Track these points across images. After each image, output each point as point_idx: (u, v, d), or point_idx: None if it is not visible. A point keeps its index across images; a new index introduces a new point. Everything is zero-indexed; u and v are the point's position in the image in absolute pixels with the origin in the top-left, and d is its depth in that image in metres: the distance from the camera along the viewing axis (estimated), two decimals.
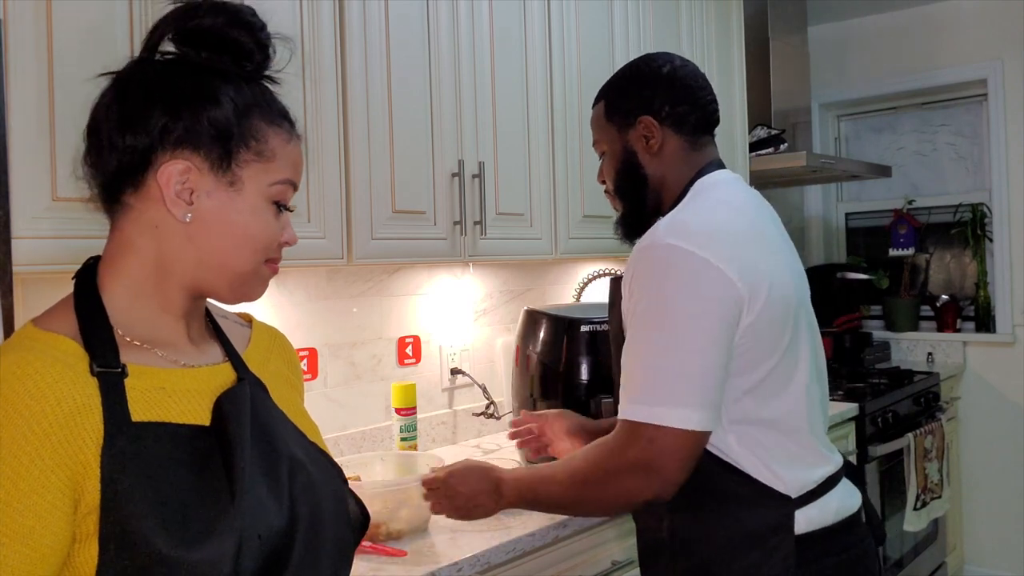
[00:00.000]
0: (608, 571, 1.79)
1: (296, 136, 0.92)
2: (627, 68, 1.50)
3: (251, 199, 0.87)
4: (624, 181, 1.46)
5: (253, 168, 0.87)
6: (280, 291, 1.99)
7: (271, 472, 0.85)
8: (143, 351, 0.85)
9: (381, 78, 1.78)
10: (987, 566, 3.68)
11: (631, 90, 1.45)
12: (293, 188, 0.91)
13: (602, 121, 1.48)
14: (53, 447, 0.74)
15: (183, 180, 0.84)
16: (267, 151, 0.87)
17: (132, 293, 0.86)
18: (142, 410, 0.80)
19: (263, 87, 0.90)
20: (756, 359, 1.25)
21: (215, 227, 0.85)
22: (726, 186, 1.40)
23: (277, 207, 0.90)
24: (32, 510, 0.73)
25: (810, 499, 1.28)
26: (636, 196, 1.45)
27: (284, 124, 0.90)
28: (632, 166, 1.44)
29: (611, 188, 1.49)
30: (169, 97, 0.84)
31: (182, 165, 0.84)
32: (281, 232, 0.91)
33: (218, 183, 0.85)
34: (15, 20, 1.22)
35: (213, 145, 0.84)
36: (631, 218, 1.47)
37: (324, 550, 0.87)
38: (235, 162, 0.86)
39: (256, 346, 0.99)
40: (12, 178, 1.21)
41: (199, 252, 0.86)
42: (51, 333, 0.81)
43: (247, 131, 0.86)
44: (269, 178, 0.88)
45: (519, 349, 2.12)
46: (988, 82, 3.67)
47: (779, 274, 1.29)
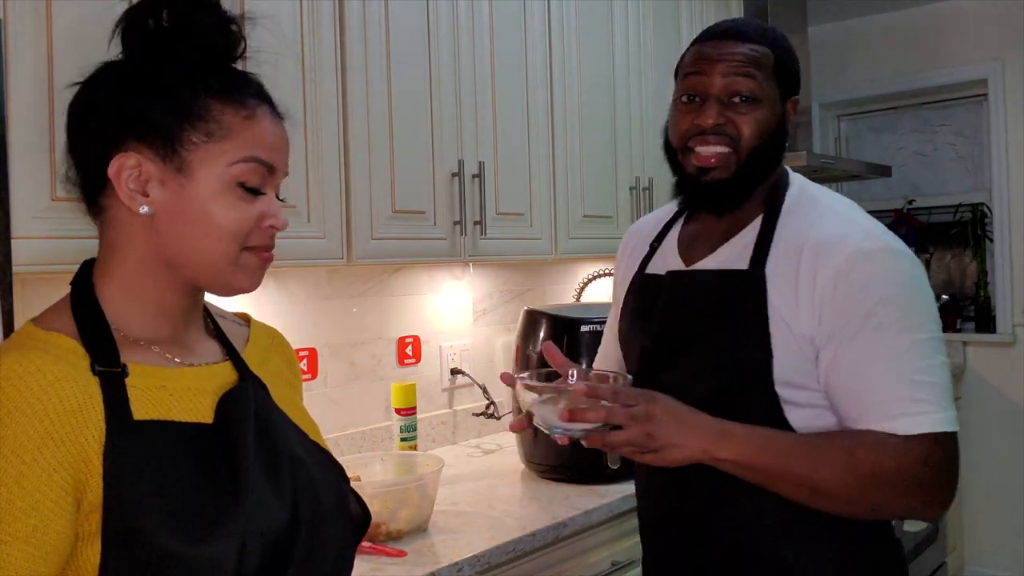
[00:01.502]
0: (608, 571, 1.79)
1: (265, 112, 0.86)
2: (784, 38, 1.28)
3: (207, 184, 0.82)
4: (769, 145, 1.22)
5: (204, 150, 0.82)
6: (280, 291, 1.99)
7: (273, 471, 0.85)
8: (143, 350, 0.85)
9: (381, 78, 1.78)
10: (987, 566, 3.68)
11: (796, 63, 1.27)
12: (265, 168, 0.85)
13: (770, 71, 1.22)
14: (55, 445, 0.74)
15: (135, 174, 0.82)
16: (219, 130, 0.83)
17: (124, 293, 0.86)
18: (143, 408, 0.80)
19: (223, 66, 0.86)
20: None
21: (176, 217, 0.83)
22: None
23: (246, 190, 0.84)
24: (35, 509, 0.73)
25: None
26: (766, 167, 1.23)
27: (245, 100, 0.85)
28: (781, 137, 1.24)
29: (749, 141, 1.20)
30: (114, 91, 0.84)
31: (132, 159, 0.82)
32: (258, 217, 0.85)
33: (167, 171, 0.82)
34: (15, 20, 1.22)
35: (158, 133, 0.82)
36: (742, 186, 1.22)
37: (325, 549, 0.87)
38: (182, 146, 0.82)
39: (255, 345, 1.00)
40: (12, 178, 1.21)
41: (167, 245, 0.84)
42: (52, 332, 0.81)
43: (195, 112, 0.82)
44: (225, 159, 0.83)
45: (519, 349, 2.12)
46: (988, 82, 3.67)
47: None
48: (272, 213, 0.87)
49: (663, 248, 1.35)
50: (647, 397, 1.08)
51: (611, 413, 1.04)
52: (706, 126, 1.19)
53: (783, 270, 1.16)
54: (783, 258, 1.17)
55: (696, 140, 1.21)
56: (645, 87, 2.57)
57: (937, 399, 1.10)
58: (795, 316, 1.14)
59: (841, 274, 1.12)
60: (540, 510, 1.73)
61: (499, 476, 2.04)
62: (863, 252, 1.13)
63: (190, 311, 0.91)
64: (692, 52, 1.26)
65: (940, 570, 3.38)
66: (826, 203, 1.23)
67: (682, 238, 1.33)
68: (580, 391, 1.06)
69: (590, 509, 1.74)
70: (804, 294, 1.14)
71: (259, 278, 0.89)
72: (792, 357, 1.14)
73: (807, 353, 1.14)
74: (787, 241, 1.18)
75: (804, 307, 1.13)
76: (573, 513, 1.71)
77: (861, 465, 1.08)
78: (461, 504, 1.79)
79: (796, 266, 1.15)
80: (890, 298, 1.11)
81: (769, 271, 1.17)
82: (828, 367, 1.13)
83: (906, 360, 1.10)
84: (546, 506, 1.75)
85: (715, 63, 1.21)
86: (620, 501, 1.80)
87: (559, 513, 1.70)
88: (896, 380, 1.10)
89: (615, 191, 2.46)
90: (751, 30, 1.24)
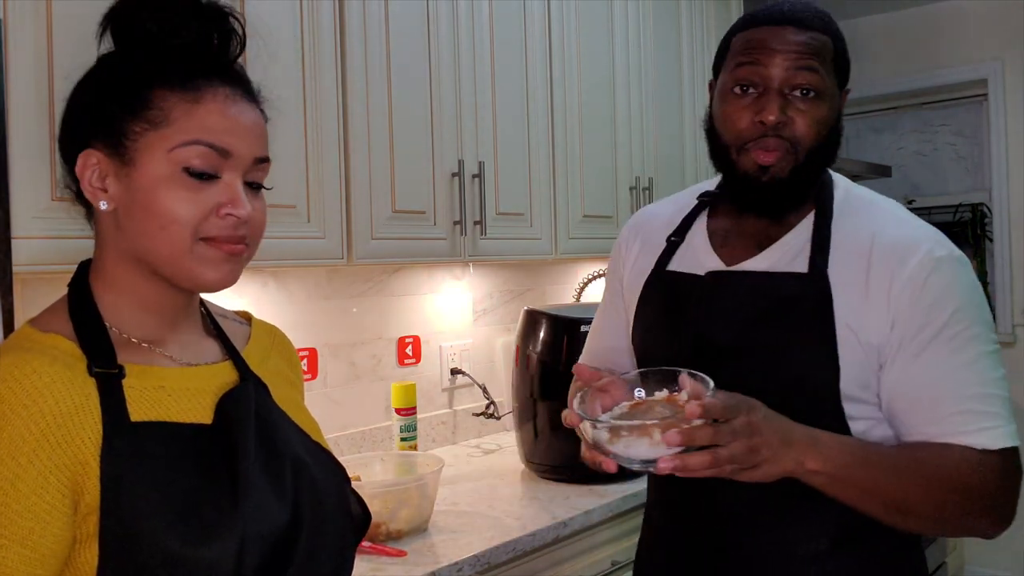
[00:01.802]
0: (608, 571, 1.79)
1: (218, 94, 0.83)
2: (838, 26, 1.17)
3: (152, 172, 0.80)
4: (829, 142, 1.13)
5: (148, 138, 0.81)
6: (280, 291, 1.99)
7: (274, 472, 0.85)
8: (142, 350, 0.85)
9: (381, 78, 1.78)
10: (987, 566, 3.68)
11: (847, 52, 1.17)
12: (215, 151, 0.81)
13: (829, 61, 1.12)
14: (51, 447, 0.74)
15: (96, 170, 0.83)
16: (160, 117, 0.81)
17: (115, 292, 0.86)
18: (141, 410, 0.80)
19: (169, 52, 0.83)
20: None
21: (129, 210, 0.82)
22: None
23: (192, 175, 0.81)
24: (31, 511, 0.72)
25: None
26: (822, 163, 1.14)
27: (190, 84, 0.82)
28: (837, 131, 1.15)
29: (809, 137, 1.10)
30: (78, 92, 0.86)
31: (93, 156, 0.83)
32: (214, 205, 0.82)
33: (117, 164, 0.82)
34: (15, 20, 1.23)
35: (106, 126, 0.82)
36: (800, 187, 1.12)
37: (326, 549, 0.87)
38: (127, 137, 0.81)
39: (256, 344, 0.99)
40: (12, 178, 1.21)
41: (130, 239, 0.83)
42: (49, 334, 0.81)
43: (136, 102, 0.81)
44: (167, 144, 0.80)
45: (519, 349, 2.12)
46: (988, 82, 3.67)
47: None
48: (230, 200, 0.82)
49: (690, 245, 1.22)
50: (746, 406, 0.95)
51: (718, 432, 0.91)
52: (769, 123, 1.08)
53: (849, 273, 1.08)
54: (847, 260, 1.09)
55: (755, 140, 1.09)
56: (645, 87, 2.57)
57: (1007, 412, 1.05)
58: (863, 323, 1.06)
59: (917, 280, 1.05)
60: (540, 510, 1.73)
61: (499, 476, 2.04)
62: (937, 259, 1.06)
63: (182, 309, 0.90)
64: (743, 38, 1.14)
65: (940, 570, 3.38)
66: (881, 204, 1.17)
67: (714, 235, 1.20)
68: (694, 413, 0.89)
69: (590, 509, 1.74)
70: (876, 299, 1.06)
71: (227, 272, 0.85)
72: (857, 368, 1.06)
73: (871, 363, 1.06)
74: (848, 243, 1.10)
75: (875, 312, 1.06)
76: (573, 513, 1.71)
77: (950, 481, 1.02)
78: (461, 504, 1.79)
79: (865, 269, 1.07)
80: (963, 308, 1.06)
81: (831, 274, 1.08)
82: (896, 377, 1.06)
83: (977, 372, 1.05)
84: (546, 506, 1.75)
85: (774, 53, 1.09)
86: (620, 501, 1.80)
87: (559, 513, 1.70)
88: (970, 392, 1.04)
89: (615, 191, 2.46)
90: (810, 16, 1.11)
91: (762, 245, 1.15)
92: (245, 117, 0.84)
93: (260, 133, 0.86)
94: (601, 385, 1.05)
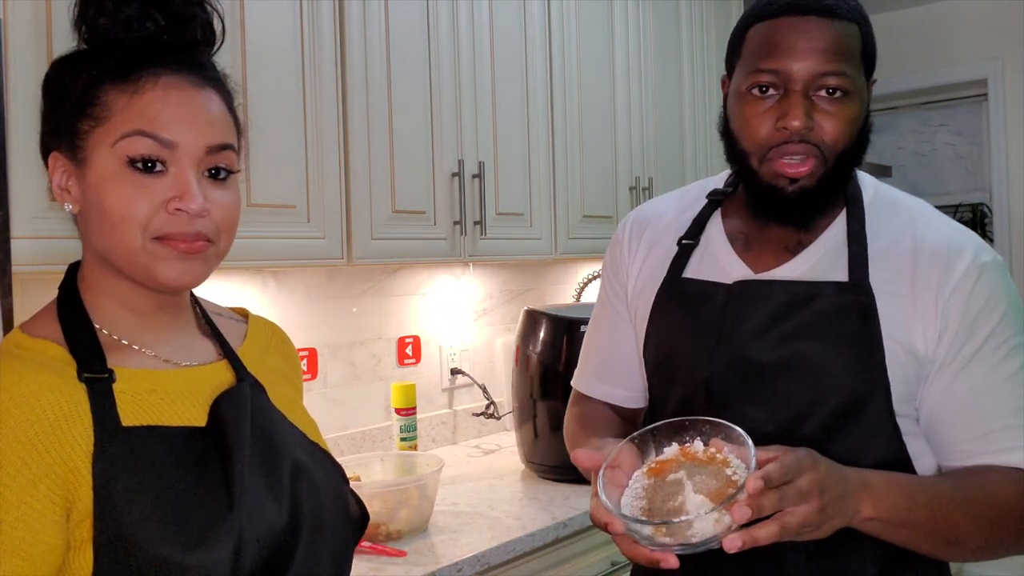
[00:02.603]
0: (608, 571, 1.79)
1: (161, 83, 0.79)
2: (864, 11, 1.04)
3: (100, 170, 0.79)
4: (857, 141, 1.02)
5: (95, 136, 0.79)
6: (280, 291, 1.99)
7: (271, 474, 0.84)
8: (133, 352, 0.84)
9: (381, 78, 1.78)
10: (987, 566, 3.68)
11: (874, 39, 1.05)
12: (158, 142, 0.78)
13: (857, 54, 1.00)
14: (40, 456, 0.73)
15: (61, 173, 0.82)
16: (103, 112, 0.79)
17: (100, 293, 0.85)
18: (133, 414, 0.79)
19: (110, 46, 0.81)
20: None
21: (88, 211, 0.81)
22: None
23: (139, 170, 0.78)
24: (22, 520, 0.72)
25: None
26: (851, 164, 1.04)
27: (131, 75, 0.79)
28: (867, 128, 1.04)
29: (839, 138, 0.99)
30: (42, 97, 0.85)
31: (58, 160, 0.83)
32: (161, 201, 0.78)
33: (74, 165, 0.81)
34: (15, 20, 1.23)
35: (61, 128, 0.82)
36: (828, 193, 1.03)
37: (326, 552, 0.86)
38: (79, 137, 0.80)
39: (253, 341, 0.98)
40: (11, 178, 1.21)
41: (92, 240, 0.83)
42: (39, 339, 0.80)
43: (84, 101, 0.80)
44: (110, 139, 0.78)
45: (519, 349, 2.12)
46: (988, 82, 3.67)
47: None
48: (180, 194, 0.78)
49: (708, 249, 1.12)
50: (809, 460, 0.85)
51: (784, 497, 0.82)
52: (793, 128, 0.96)
53: (892, 281, 1.00)
54: (889, 267, 1.01)
55: (779, 147, 0.99)
56: (645, 87, 2.58)
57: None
58: (909, 332, 0.99)
59: (964, 288, 0.98)
60: (540, 510, 1.73)
61: (499, 476, 2.04)
62: (983, 265, 0.99)
63: (170, 309, 0.88)
64: (762, 31, 1.01)
65: None
66: (912, 204, 1.10)
67: (734, 238, 1.10)
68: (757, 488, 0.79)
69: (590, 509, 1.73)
70: (924, 307, 0.99)
71: (185, 270, 0.81)
72: (905, 383, 0.99)
73: (916, 374, 0.99)
74: (887, 247, 1.03)
75: (922, 321, 0.98)
76: (573, 513, 1.71)
77: (1000, 510, 0.95)
78: (461, 504, 1.79)
79: (910, 276, 1.00)
80: (1008, 317, 0.99)
81: (873, 283, 1.00)
82: (941, 390, 0.99)
83: (1019, 384, 0.98)
84: (546, 506, 1.75)
85: (796, 50, 0.97)
86: None
87: (559, 513, 1.70)
88: (1015, 407, 0.97)
89: (615, 191, 2.46)
90: (837, 1, 0.99)
91: (792, 250, 1.06)
92: (193, 104, 0.80)
93: (212, 120, 0.82)
94: (612, 463, 0.93)
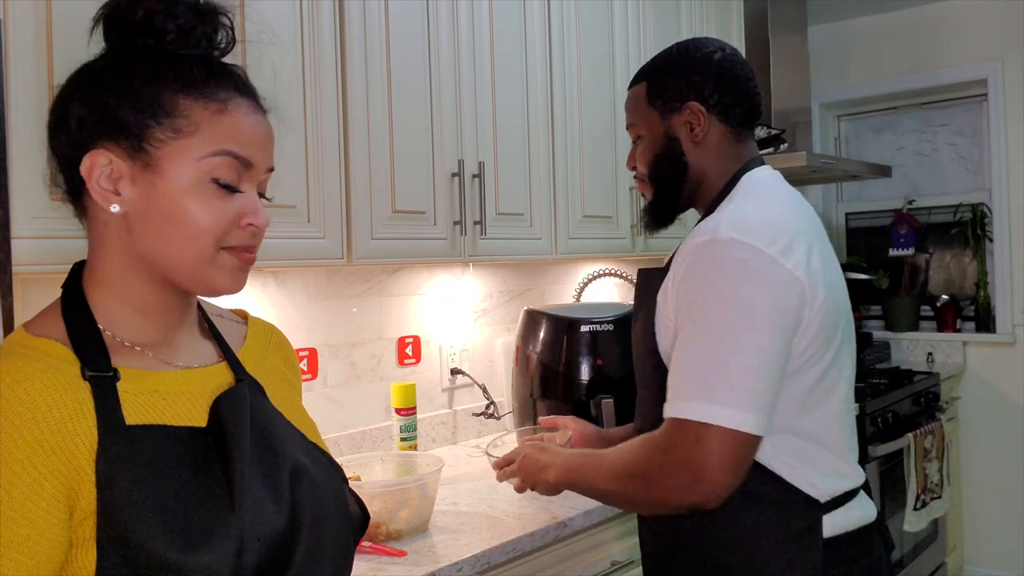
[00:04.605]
0: (608, 571, 1.79)
1: (241, 105, 0.84)
2: (675, 50, 1.39)
3: (178, 181, 0.80)
4: (662, 168, 1.37)
5: (172, 147, 0.81)
6: (280, 291, 1.99)
7: (270, 474, 0.84)
8: (135, 353, 0.84)
9: (381, 78, 1.78)
10: (987, 566, 3.68)
11: (679, 73, 1.35)
12: (239, 162, 0.83)
13: (642, 103, 1.39)
14: (45, 454, 0.73)
15: (106, 171, 0.81)
16: (187, 126, 0.81)
17: (111, 294, 0.85)
18: (136, 413, 0.79)
19: (189, 59, 0.83)
20: (805, 365, 1.21)
21: (147, 215, 0.81)
22: (775, 183, 1.35)
23: (220, 186, 0.82)
24: (26, 518, 0.72)
25: (836, 505, 1.25)
26: (672, 185, 1.37)
27: (215, 94, 0.83)
28: (673, 153, 1.36)
29: (645, 175, 1.40)
30: (85, 89, 0.83)
31: (102, 157, 0.81)
32: (236, 215, 0.83)
33: (136, 168, 0.81)
34: (15, 20, 1.23)
35: (125, 129, 0.81)
36: (663, 207, 1.40)
37: (326, 551, 0.87)
38: (149, 143, 0.80)
39: (252, 343, 0.98)
40: (12, 178, 1.21)
41: (141, 244, 0.82)
42: (42, 339, 0.80)
43: (160, 108, 0.81)
44: (194, 154, 0.81)
45: (519, 349, 2.12)
46: (988, 82, 3.67)
47: (833, 278, 1.25)
48: (251, 210, 0.84)
49: None
50: (522, 450, 1.48)
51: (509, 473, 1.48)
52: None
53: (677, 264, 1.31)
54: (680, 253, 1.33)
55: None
56: None
57: (705, 387, 1.14)
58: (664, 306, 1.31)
59: (681, 266, 1.23)
60: (540, 510, 1.73)
61: None
62: (696, 244, 1.22)
63: (179, 312, 0.89)
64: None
65: (940, 570, 3.38)
66: (740, 201, 1.29)
67: None
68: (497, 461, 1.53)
69: (590, 509, 1.74)
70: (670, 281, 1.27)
71: (241, 279, 0.86)
72: (669, 339, 1.29)
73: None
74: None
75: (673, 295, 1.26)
76: (573, 513, 1.71)
77: (623, 467, 1.24)
78: (461, 504, 1.79)
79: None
80: (700, 287, 1.19)
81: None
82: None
83: (693, 351, 1.17)
84: (546, 506, 1.75)
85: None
86: None
87: (559, 513, 1.70)
88: (688, 366, 1.17)
89: (615, 191, 2.46)
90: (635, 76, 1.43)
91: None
92: (262, 128, 0.86)
93: (272, 144, 0.88)
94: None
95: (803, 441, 1.23)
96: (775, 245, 1.17)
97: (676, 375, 1.19)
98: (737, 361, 1.13)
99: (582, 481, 1.32)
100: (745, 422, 1.12)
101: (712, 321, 1.16)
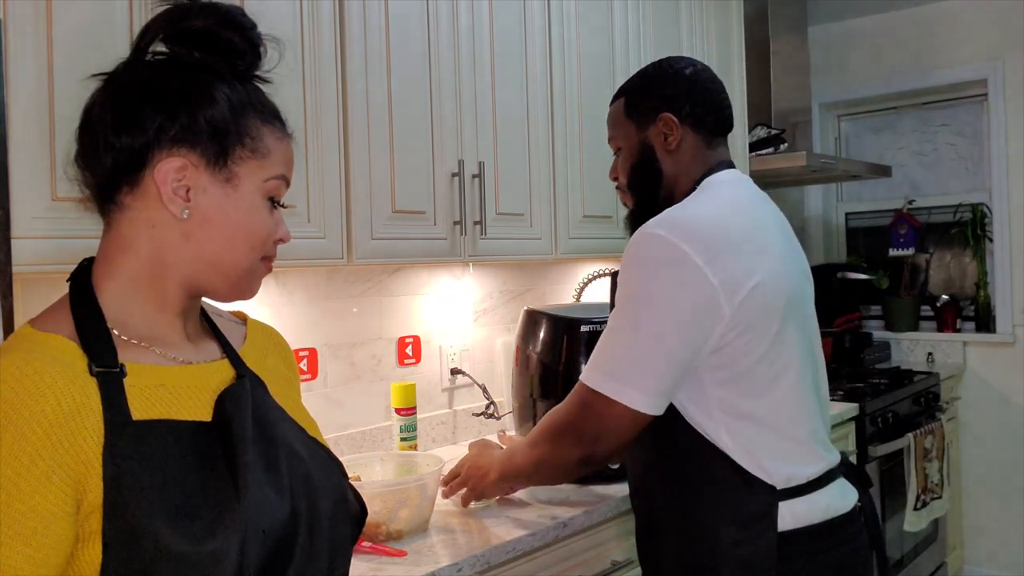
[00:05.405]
0: (608, 571, 1.79)
1: (287, 134, 0.94)
2: (650, 67, 1.52)
3: (248, 195, 0.88)
4: (639, 176, 1.50)
5: (249, 165, 0.88)
6: (280, 291, 1.99)
7: (272, 467, 0.86)
8: (140, 349, 0.85)
9: (381, 78, 1.78)
10: (987, 566, 3.68)
11: (653, 88, 1.48)
12: (286, 184, 0.93)
13: (621, 118, 1.52)
14: (53, 447, 0.74)
15: (180, 177, 0.84)
16: (262, 148, 0.89)
17: (128, 292, 0.86)
18: (142, 408, 0.80)
19: (255, 86, 0.92)
20: (736, 353, 1.29)
21: (213, 224, 0.86)
22: (731, 184, 1.43)
23: (272, 203, 0.91)
24: (34, 511, 0.73)
25: (797, 493, 1.31)
26: (649, 191, 1.49)
27: (276, 122, 0.92)
28: (648, 161, 1.48)
29: (624, 184, 1.53)
30: (164, 96, 0.85)
31: (179, 162, 0.84)
32: (276, 228, 0.92)
33: (215, 180, 0.86)
34: (15, 20, 1.22)
35: (210, 142, 0.85)
36: (642, 213, 1.48)
37: (325, 544, 0.88)
38: (231, 159, 0.87)
39: (252, 343, 1.00)
40: (12, 178, 1.22)
41: (197, 249, 0.86)
42: (49, 334, 0.81)
43: (243, 129, 0.87)
44: (264, 174, 0.89)
45: (519, 349, 2.12)
46: (988, 82, 3.67)
47: (770, 272, 1.31)
48: (284, 228, 0.94)
49: None
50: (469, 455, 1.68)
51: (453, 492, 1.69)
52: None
53: None
54: None
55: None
56: None
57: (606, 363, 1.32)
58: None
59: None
60: (540, 510, 1.73)
61: None
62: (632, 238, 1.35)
63: (188, 311, 0.92)
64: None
65: (940, 570, 3.38)
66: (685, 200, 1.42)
67: None
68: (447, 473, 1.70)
69: (590, 509, 1.74)
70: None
71: (259, 286, 0.95)
72: None
73: None
74: None
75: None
76: (573, 513, 1.71)
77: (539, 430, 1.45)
78: None
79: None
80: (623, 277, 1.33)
81: None
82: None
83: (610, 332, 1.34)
84: (546, 506, 1.75)
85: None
86: (620, 501, 1.80)
87: (559, 513, 1.70)
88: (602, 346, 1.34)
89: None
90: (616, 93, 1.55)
91: None
92: (292, 154, 0.95)
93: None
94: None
95: (756, 426, 1.31)
96: (690, 240, 1.27)
97: (596, 350, 1.35)
98: (640, 346, 1.28)
99: (515, 466, 1.50)
100: (639, 402, 1.28)
101: (626, 307, 1.31)
